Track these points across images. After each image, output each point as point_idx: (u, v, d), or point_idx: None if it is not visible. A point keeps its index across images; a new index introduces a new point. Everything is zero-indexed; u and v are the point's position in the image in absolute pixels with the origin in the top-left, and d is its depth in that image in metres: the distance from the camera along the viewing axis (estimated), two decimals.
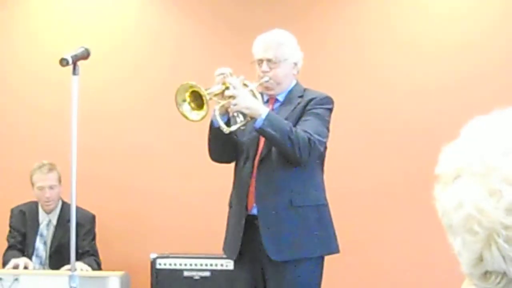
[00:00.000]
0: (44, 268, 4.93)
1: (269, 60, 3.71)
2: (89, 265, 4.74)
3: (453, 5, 5.21)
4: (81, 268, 4.63)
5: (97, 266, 4.96)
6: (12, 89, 5.74)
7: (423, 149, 5.03)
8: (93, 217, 5.12)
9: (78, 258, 4.27)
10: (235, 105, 3.52)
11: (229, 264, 4.71)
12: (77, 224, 3.91)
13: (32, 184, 5.03)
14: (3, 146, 5.71)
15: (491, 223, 1.14)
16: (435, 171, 1.26)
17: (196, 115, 3.51)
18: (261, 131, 3.55)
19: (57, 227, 5.05)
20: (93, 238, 5.09)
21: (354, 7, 5.40)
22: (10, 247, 5.02)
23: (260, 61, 3.74)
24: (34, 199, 5.11)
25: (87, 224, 4.96)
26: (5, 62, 5.79)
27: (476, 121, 1.26)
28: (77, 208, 3.86)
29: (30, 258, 4.92)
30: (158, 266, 5.03)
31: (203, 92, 3.44)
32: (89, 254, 4.90)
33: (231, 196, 3.85)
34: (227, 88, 3.54)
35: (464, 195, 1.17)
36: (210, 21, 5.58)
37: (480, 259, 1.17)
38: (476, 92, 5.07)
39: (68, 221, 4.93)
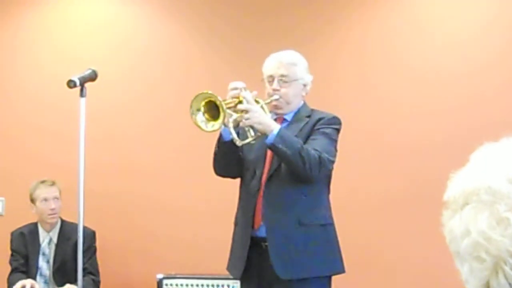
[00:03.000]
0: (49, 287, 4.92)
1: (281, 78, 3.73)
2: (85, 285, 4.67)
3: (457, 32, 5.22)
4: None
5: (94, 284, 4.93)
6: (20, 111, 5.76)
7: (429, 169, 5.03)
8: (93, 233, 5.09)
9: (75, 276, 4.24)
10: (247, 119, 3.52)
11: (235, 285, 4.70)
12: (77, 241, 3.92)
13: (33, 200, 5.01)
14: (10, 166, 5.72)
15: (498, 251, 1.14)
16: (443, 198, 1.27)
17: (211, 126, 3.48)
18: (272, 147, 3.54)
19: (58, 244, 5.04)
20: (93, 254, 5.07)
21: (360, 32, 5.41)
22: (13, 271, 5.00)
23: (271, 78, 3.76)
24: (34, 221, 5.10)
25: (87, 241, 4.90)
26: (12, 83, 5.81)
27: (484, 149, 1.26)
28: (78, 225, 3.86)
29: (34, 278, 4.91)
30: (164, 287, 5.03)
31: (220, 102, 3.42)
32: (86, 272, 4.85)
33: (236, 214, 3.85)
34: (240, 102, 3.54)
35: (471, 223, 1.18)
36: (218, 44, 5.58)
37: (487, 286, 1.18)
38: (481, 116, 5.07)
39: (69, 238, 4.96)
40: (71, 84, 3.64)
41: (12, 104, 5.79)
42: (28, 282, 4.77)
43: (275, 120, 3.74)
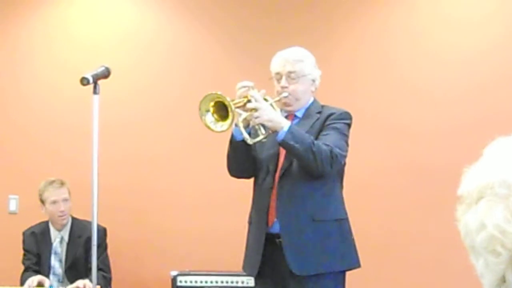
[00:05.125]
0: (62, 285, 4.92)
1: (288, 75, 3.72)
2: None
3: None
4: (84, 284, 4.61)
5: (104, 281, 4.92)
6: (33, 108, 5.76)
7: (444, 165, 5.03)
8: (104, 230, 5.06)
9: (87, 274, 4.21)
10: (257, 117, 3.52)
11: (250, 281, 4.70)
12: (88, 239, 3.91)
13: (43, 202, 5.00)
14: (23, 163, 5.73)
15: None
16: (458, 192, 1.26)
17: (220, 126, 3.49)
18: (283, 144, 3.54)
19: (69, 243, 5.03)
20: (104, 251, 5.04)
21: (378, 29, 5.41)
22: (26, 270, 4.99)
23: (279, 75, 3.74)
24: (44, 220, 5.10)
25: (98, 238, 4.86)
26: (25, 80, 5.82)
27: (498, 143, 1.26)
28: (88, 222, 3.85)
29: (47, 277, 4.87)
30: (178, 283, 5.02)
31: (228, 102, 3.43)
32: (97, 269, 4.82)
33: (250, 212, 3.84)
34: (249, 101, 3.54)
35: (486, 217, 1.17)
36: (226, 39, 5.58)
37: (503, 280, 1.17)
38: (497, 108, 5.07)
39: (79, 236, 4.96)
40: (84, 81, 3.64)
41: (25, 102, 5.79)
42: (36, 278, 4.76)
43: (286, 117, 3.73)
